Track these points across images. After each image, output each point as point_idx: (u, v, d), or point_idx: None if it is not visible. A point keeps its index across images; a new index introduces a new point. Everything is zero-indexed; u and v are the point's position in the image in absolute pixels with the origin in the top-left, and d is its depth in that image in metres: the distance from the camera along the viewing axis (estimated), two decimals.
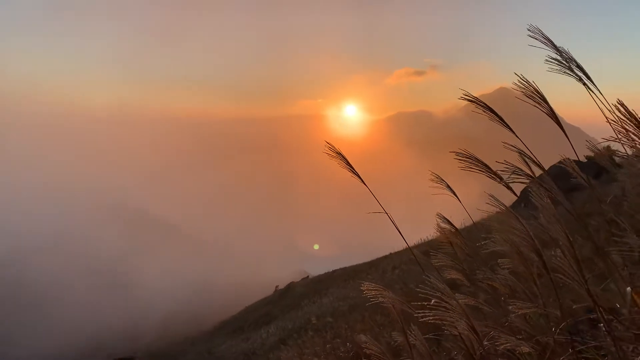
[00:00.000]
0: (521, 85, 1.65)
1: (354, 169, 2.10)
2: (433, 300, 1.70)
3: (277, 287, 39.22)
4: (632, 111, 1.20)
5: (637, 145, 1.46)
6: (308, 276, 38.49)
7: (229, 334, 29.78)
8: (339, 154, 2.05)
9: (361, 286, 2.13)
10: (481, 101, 1.63)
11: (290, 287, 34.97)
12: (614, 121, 1.34)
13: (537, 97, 1.64)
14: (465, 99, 1.65)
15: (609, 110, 1.74)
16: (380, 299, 1.91)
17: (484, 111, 1.66)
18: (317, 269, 41.64)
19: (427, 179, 2.47)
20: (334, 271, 33.12)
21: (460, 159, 1.77)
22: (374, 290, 1.92)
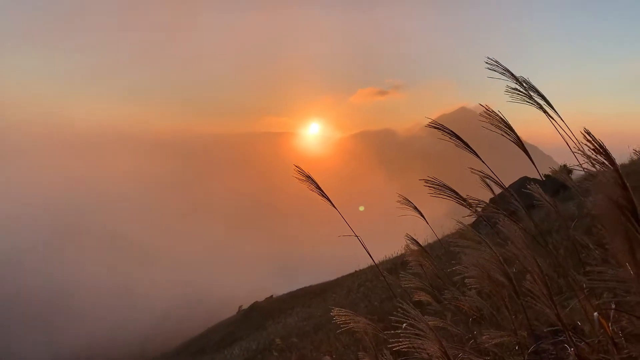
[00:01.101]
0: (487, 116, 1.68)
1: (324, 193, 2.08)
2: (404, 325, 1.68)
3: (240, 307, 38.57)
4: (599, 141, 1.25)
5: (598, 168, 1.50)
6: (272, 295, 38.04)
7: (191, 355, 29.04)
8: (309, 177, 2.03)
9: (326, 304, 2.09)
10: (447, 128, 1.66)
11: (254, 306, 34.44)
12: (580, 150, 1.38)
13: (504, 126, 1.67)
14: (432, 126, 1.67)
15: (568, 134, 1.80)
16: (352, 325, 1.88)
17: (450, 138, 1.68)
18: (281, 288, 41.23)
19: (393, 194, 2.47)
20: (298, 290, 32.87)
21: (429, 186, 1.79)
22: (344, 315, 1.88)
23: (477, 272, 1.60)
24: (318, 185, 2.06)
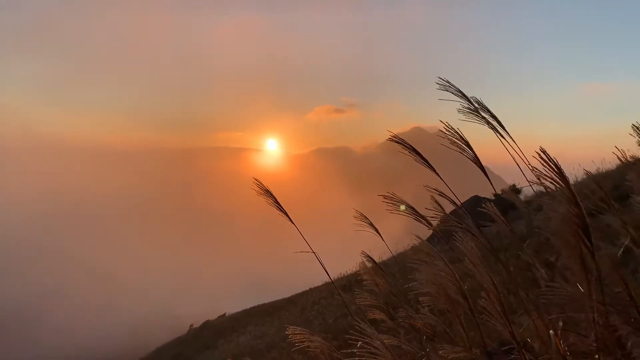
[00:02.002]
0: (447, 133, 1.70)
1: (281, 208, 2.05)
2: (359, 343, 1.66)
3: (191, 325, 37.57)
4: (555, 161, 1.28)
5: (552, 187, 1.53)
6: (225, 314, 37.26)
7: None
8: (268, 191, 1.99)
9: (280, 322, 2.04)
10: (407, 143, 1.67)
11: (206, 325, 33.60)
12: (533, 169, 1.41)
13: (462, 144, 1.70)
14: (394, 141, 1.68)
15: (519, 154, 1.84)
16: (307, 344, 1.84)
17: (410, 152, 1.70)
18: (234, 306, 40.49)
19: (350, 210, 2.46)
20: (252, 308, 32.34)
21: (387, 202, 1.79)
22: (298, 333, 1.84)
23: (434, 290, 1.60)
24: (276, 200, 2.03)
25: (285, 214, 2.08)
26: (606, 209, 2.75)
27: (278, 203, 2.03)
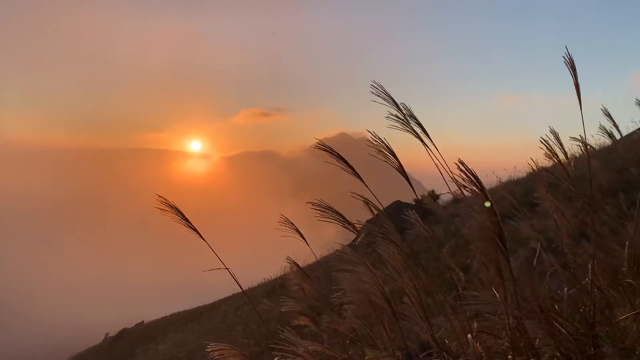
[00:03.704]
0: (374, 143, 1.73)
1: (191, 225, 1.98)
2: (282, 348, 1.64)
3: (107, 334, 35.78)
4: (472, 171, 1.33)
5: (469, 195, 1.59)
6: (143, 321, 35.79)
7: None
8: (174, 207, 1.91)
9: (201, 329, 1.97)
10: (334, 150, 1.68)
11: (123, 333, 32.12)
12: (453, 178, 1.46)
13: (388, 153, 1.74)
14: (321, 148, 1.68)
15: (441, 162, 1.91)
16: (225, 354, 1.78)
17: (337, 160, 1.71)
18: (153, 313, 38.97)
19: (276, 214, 2.44)
20: (172, 315, 31.30)
21: (316, 209, 1.79)
22: (218, 350, 1.78)
23: (358, 297, 1.61)
24: (184, 216, 1.95)
25: (196, 231, 2.00)
26: (517, 215, 2.91)
27: (187, 220, 1.95)
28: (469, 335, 1.69)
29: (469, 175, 1.37)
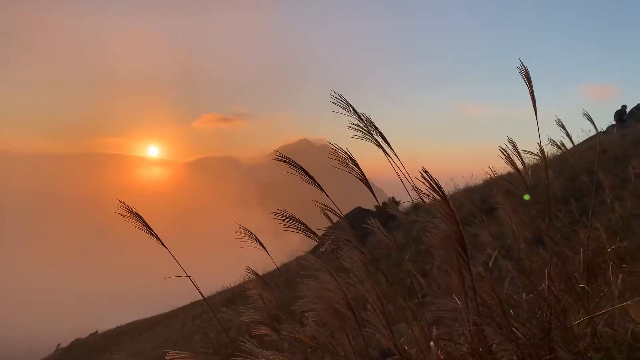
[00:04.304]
0: (335, 156, 1.74)
1: (152, 231, 1.92)
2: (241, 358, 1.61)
3: (59, 345, 34.46)
4: (435, 180, 1.35)
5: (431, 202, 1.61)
6: (97, 331, 34.65)
7: None
8: (135, 213, 1.85)
9: (158, 339, 1.90)
10: (295, 162, 1.67)
11: (76, 344, 31.00)
12: (415, 187, 1.47)
13: (351, 164, 1.74)
14: (280, 159, 1.66)
15: (402, 170, 1.92)
16: None
17: (297, 172, 1.70)
18: (108, 323, 37.78)
19: (242, 221, 2.39)
20: (128, 324, 30.45)
21: (279, 219, 1.77)
22: (177, 358, 1.73)
23: (320, 306, 1.60)
24: (146, 223, 1.89)
25: (156, 236, 1.95)
26: (475, 222, 2.96)
27: (148, 227, 1.89)
28: (432, 343, 1.70)
29: (432, 183, 1.38)
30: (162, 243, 2.00)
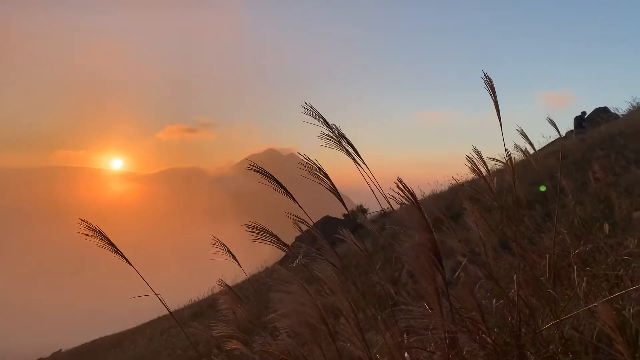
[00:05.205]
0: (305, 165, 1.74)
1: (117, 249, 1.86)
2: None
3: None
4: (410, 189, 1.36)
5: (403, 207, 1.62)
6: (60, 350, 33.46)
7: None
8: (99, 232, 1.79)
9: (125, 356, 1.84)
10: (266, 171, 1.66)
11: None
12: (389, 195, 1.48)
13: (321, 175, 1.74)
14: (252, 169, 1.65)
15: (371, 178, 1.93)
16: None
17: (270, 182, 1.69)
18: (72, 341, 36.54)
19: (214, 233, 2.36)
20: (93, 342, 29.51)
21: (251, 231, 1.75)
22: None
23: (294, 319, 1.58)
24: (110, 241, 1.83)
25: (123, 256, 1.89)
26: (443, 228, 3.00)
27: (114, 246, 1.84)
28: (406, 353, 1.70)
29: (407, 193, 1.39)
30: (128, 262, 1.94)
